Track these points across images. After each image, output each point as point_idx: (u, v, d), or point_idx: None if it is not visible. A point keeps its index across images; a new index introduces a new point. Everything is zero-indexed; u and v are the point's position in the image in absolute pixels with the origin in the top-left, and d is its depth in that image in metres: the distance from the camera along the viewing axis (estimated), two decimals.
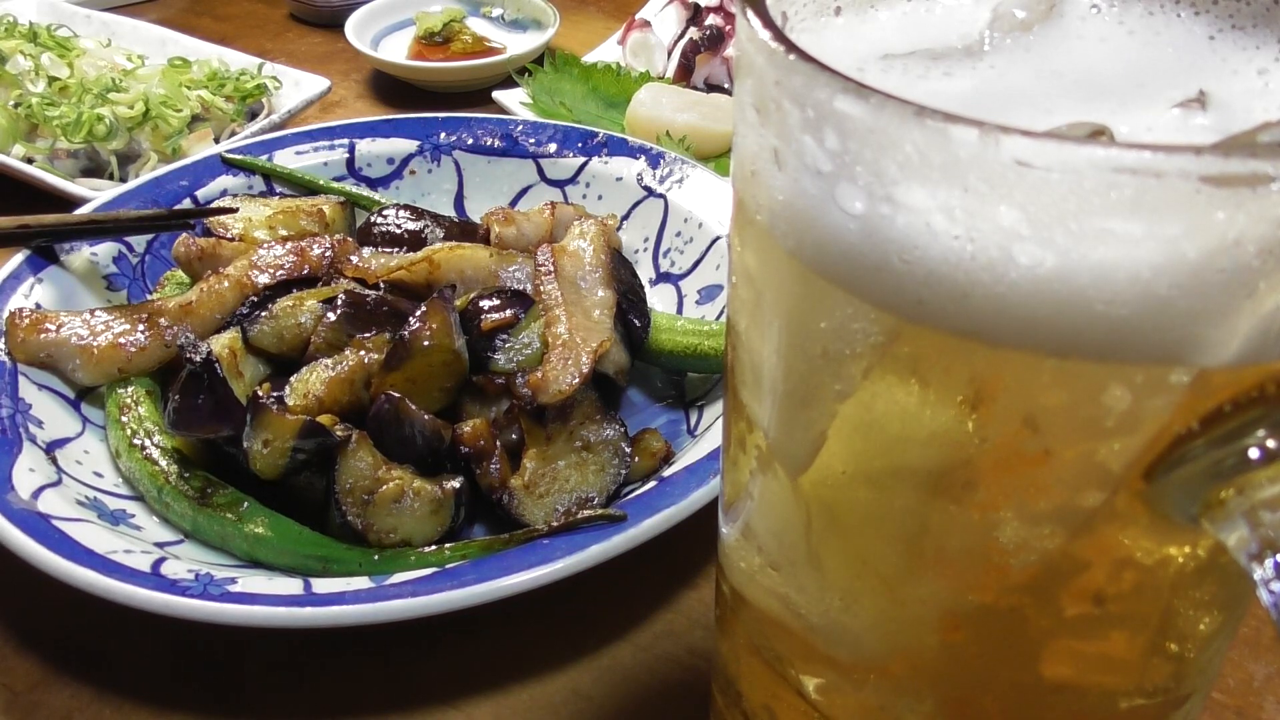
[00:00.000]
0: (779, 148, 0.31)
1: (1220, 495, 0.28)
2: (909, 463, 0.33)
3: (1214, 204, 0.25)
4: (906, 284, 0.29)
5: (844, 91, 0.28)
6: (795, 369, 0.35)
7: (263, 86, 1.20)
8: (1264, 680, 0.63)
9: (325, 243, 0.81)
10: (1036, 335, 0.28)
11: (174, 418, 0.68)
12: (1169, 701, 0.38)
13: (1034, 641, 0.35)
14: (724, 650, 0.49)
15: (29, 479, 0.66)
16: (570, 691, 0.63)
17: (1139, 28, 0.37)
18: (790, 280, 0.34)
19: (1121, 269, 0.26)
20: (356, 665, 0.64)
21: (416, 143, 0.99)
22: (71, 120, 1.09)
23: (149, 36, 1.31)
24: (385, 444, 0.68)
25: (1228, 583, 0.35)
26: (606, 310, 0.76)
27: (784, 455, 0.37)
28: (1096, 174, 0.25)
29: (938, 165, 0.27)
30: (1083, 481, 0.31)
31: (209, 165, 0.95)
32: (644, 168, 0.94)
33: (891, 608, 0.36)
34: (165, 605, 0.58)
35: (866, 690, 0.39)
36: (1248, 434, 0.28)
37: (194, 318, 0.76)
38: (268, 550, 0.66)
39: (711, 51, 1.24)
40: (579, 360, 0.69)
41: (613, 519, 0.63)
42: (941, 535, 0.33)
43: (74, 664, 0.65)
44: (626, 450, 0.70)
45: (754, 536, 0.41)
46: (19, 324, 0.75)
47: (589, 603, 0.67)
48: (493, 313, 0.74)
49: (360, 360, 0.71)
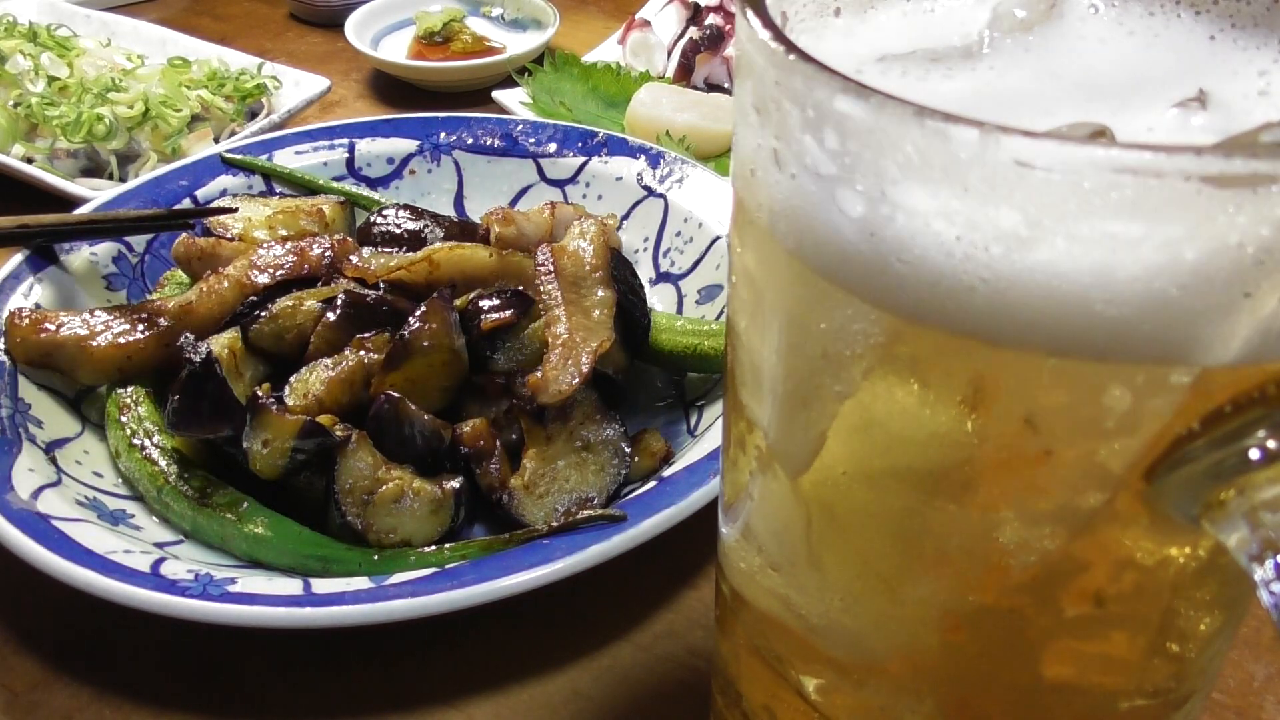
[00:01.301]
0: (779, 148, 0.31)
1: (1220, 496, 0.28)
2: (909, 463, 0.33)
3: (1214, 205, 0.25)
4: (907, 284, 0.29)
5: (844, 92, 0.28)
6: (795, 370, 0.35)
7: (262, 86, 1.20)
8: (1264, 680, 0.63)
9: (325, 243, 0.81)
10: (1037, 335, 0.28)
11: (174, 418, 0.68)
12: (1169, 702, 0.38)
13: (1034, 642, 0.35)
14: (724, 650, 0.49)
15: (28, 479, 0.66)
16: (570, 691, 0.63)
17: (1139, 28, 0.37)
18: (790, 281, 0.33)
19: (1122, 269, 0.26)
20: (356, 665, 0.64)
21: (416, 142, 0.99)
22: (71, 120, 1.09)
23: (149, 36, 1.31)
24: (385, 444, 0.68)
25: (1228, 583, 0.35)
26: (606, 310, 0.76)
27: (784, 456, 0.37)
28: (1097, 174, 0.25)
29: (938, 166, 0.27)
30: (1083, 482, 0.31)
31: (209, 165, 0.95)
32: (644, 167, 0.94)
33: (891, 608, 0.36)
34: (165, 605, 0.58)
35: (866, 690, 0.39)
36: (1248, 434, 0.28)
37: (194, 318, 0.76)
38: (267, 550, 0.66)
39: (711, 51, 1.24)
40: (579, 360, 0.69)
41: (613, 519, 0.63)
42: (941, 535, 0.33)
43: (74, 664, 0.64)
44: (626, 450, 0.70)
45: (754, 537, 0.41)
46: (19, 324, 0.75)
47: (589, 603, 0.67)
48: (493, 313, 0.74)
49: (360, 360, 0.71)
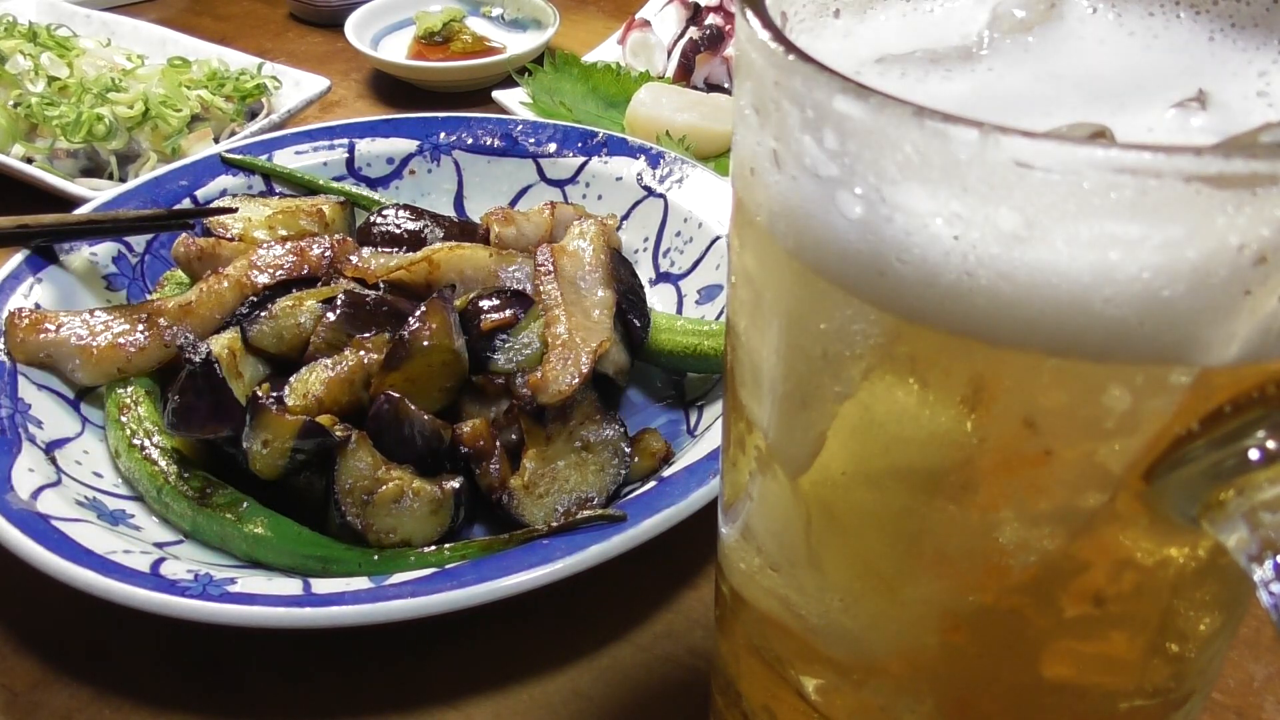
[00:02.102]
0: (778, 149, 0.31)
1: (1220, 496, 0.28)
2: (909, 463, 0.33)
3: (1214, 205, 0.25)
4: (906, 284, 0.29)
5: (843, 92, 0.28)
6: (794, 370, 0.35)
7: (262, 86, 1.20)
8: (1264, 680, 0.63)
9: (325, 243, 0.81)
10: (1036, 335, 0.28)
11: (173, 418, 0.68)
12: (1169, 702, 0.38)
13: (1034, 642, 0.35)
14: (724, 650, 0.49)
15: (28, 479, 0.66)
16: (570, 691, 0.63)
17: (1138, 29, 0.37)
18: (790, 281, 0.33)
19: (1121, 269, 0.26)
20: (356, 665, 0.64)
21: (416, 142, 0.99)
22: (71, 120, 1.09)
23: (149, 36, 1.31)
24: (385, 444, 0.68)
25: (1228, 583, 0.35)
26: (606, 310, 0.76)
27: (784, 456, 0.37)
28: (1096, 175, 0.25)
29: (937, 166, 0.27)
30: (1083, 482, 0.31)
31: (209, 165, 0.95)
32: (644, 167, 0.94)
33: (891, 608, 0.36)
34: (165, 605, 0.58)
35: (866, 690, 0.39)
36: (1248, 435, 0.28)
37: (193, 318, 0.76)
38: (267, 550, 0.66)
39: (711, 51, 1.24)
40: (579, 360, 0.69)
41: (613, 519, 0.63)
42: (941, 536, 0.33)
43: (74, 664, 0.65)
44: (626, 450, 0.70)
45: (753, 537, 0.41)
46: (18, 324, 0.75)
47: (589, 603, 0.67)
48: (493, 313, 0.74)
49: (360, 360, 0.71)
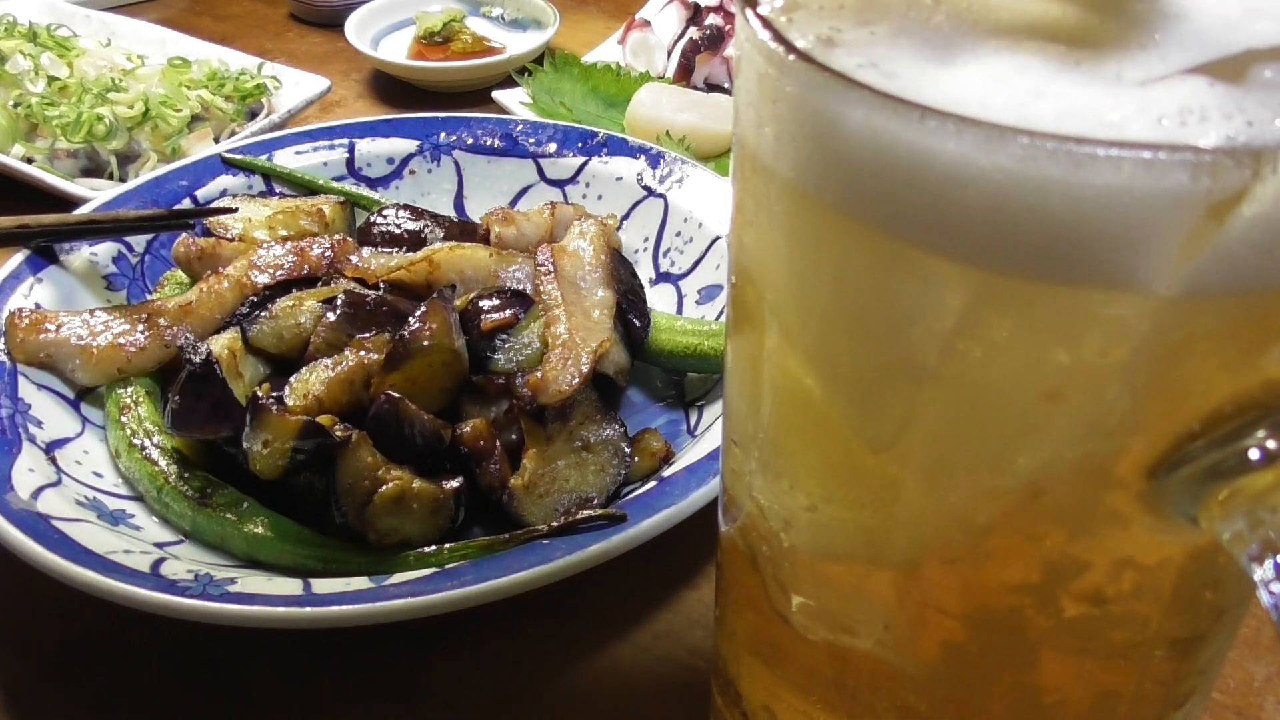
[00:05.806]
0: (778, 149, 0.31)
1: (1220, 496, 0.28)
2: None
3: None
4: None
5: (844, 92, 0.28)
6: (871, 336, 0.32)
7: (262, 86, 1.20)
8: (1264, 680, 0.63)
9: (325, 243, 0.81)
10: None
11: (174, 418, 0.67)
12: (1169, 702, 0.38)
13: (1034, 642, 0.35)
14: (724, 650, 0.49)
15: (28, 479, 0.66)
16: (570, 691, 0.63)
17: None
18: (789, 280, 0.33)
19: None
20: (356, 665, 0.64)
21: (416, 142, 0.99)
22: (71, 120, 1.09)
23: (149, 36, 1.31)
24: (385, 444, 0.67)
25: (1227, 583, 0.35)
26: (606, 310, 0.76)
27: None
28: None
29: (938, 166, 0.27)
30: (1083, 481, 0.31)
31: (209, 165, 0.95)
32: (644, 167, 0.94)
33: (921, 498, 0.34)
34: (165, 605, 0.57)
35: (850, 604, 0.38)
36: (1248, 434, 0.28)
37: (193, 318, 0.76)
38: (267, 550, 0.66)
39: (711, 51, 1.24)
40: (579, 360, 0.69)
41: (613, 519, 0.63)
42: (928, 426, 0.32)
43: (74, 664, 0.65)
44: (626, 450, 0.70)
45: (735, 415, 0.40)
46: (18, 324, 0.75)
47: (589, 603, 0.67)
48: (493, 313, 0.74)
49: (360, 360, 0.71)
